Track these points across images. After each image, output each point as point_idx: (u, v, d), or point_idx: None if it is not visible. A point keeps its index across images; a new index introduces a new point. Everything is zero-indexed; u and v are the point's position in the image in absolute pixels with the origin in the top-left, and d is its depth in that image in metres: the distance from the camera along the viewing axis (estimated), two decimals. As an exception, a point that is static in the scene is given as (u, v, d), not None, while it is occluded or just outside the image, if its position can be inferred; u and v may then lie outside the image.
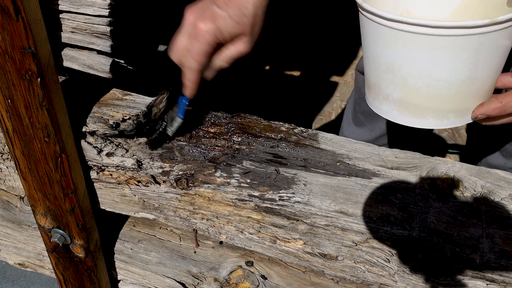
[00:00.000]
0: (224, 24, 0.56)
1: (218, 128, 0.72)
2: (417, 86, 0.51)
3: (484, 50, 0.48)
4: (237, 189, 0.64)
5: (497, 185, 0.61)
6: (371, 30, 0.52)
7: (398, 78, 0.52)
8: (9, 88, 0.59)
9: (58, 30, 0.62)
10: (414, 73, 0.51)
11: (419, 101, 0.53)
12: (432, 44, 0.47)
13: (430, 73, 0.50)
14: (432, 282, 0.59)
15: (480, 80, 0.51)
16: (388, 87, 0.54)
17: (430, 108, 0.53)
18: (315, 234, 0.62)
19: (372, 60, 0.54)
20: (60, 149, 0.64)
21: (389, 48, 0.50)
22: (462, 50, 0.47)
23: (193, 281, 0.80)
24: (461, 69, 0.49)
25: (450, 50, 0.47)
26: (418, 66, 0.50)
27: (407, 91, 0.52)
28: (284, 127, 0.72)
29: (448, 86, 0.51)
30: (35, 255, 0.93)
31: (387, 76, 0.53)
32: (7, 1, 0.51)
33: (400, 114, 0.55)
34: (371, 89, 0.57)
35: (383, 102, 0.55)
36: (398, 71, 0.51)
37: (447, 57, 0.48)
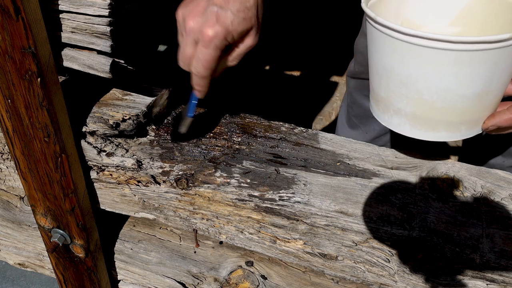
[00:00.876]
0: (231, 24, 0.54)
1: (218, 128, 0.72)
2: (433, 100, 0.51)
3: (502, 63, 0.48)
4: (237, 189, 0.64)
5: (497, 185, 0.61)
6: (385, 44, 0.51)
7: (412, 93, 0.51)
8: (9, 88, 0.59)
9: (58, 30, 0.62)
10: (430, 88, 0.50)
11: (433, 115, 0.52)
12: (455, 59, 0.47)
13: (447, 88, 0.50)
14: (432, 282, 0.59)
15: (493, 92, 0.51)
16: (401, 101, 0.53)
17: (443, 121, 0.53)
18: (315, 234, 0.62)
19: (383, 74, 0.53)
20: (60, 149, 0.64)
21: (406, 63, 0.50)
22: (482, 64, 0.47)
23: (193, 281, 0.80)
24: (478, 82, 0.49)
25: (471, 65, 0.47)
26: (436, 81, 0.49)
27: (421, 105, 0.52)
28: (284, 127, 0.72)
29: (463, 100, 0.50)
30: (35, 255, 0.93)
31: (401, 90, 0.52)
32: (7, 1, 0.51)
33: (412, 128, 0.55)
34: (381, 102, 0.56)
35: (394, 116, 0.55)
36: (413, 85, 0.51)
37: (467, 71, 0.48)
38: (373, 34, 0.53)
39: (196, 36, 0.55)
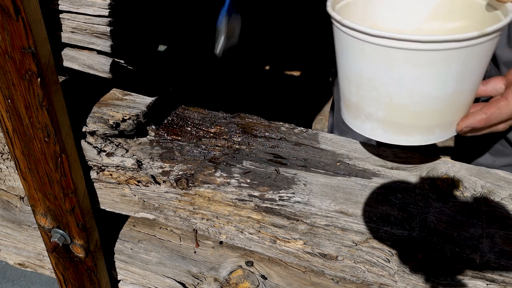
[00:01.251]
0: None
1: (218, 128, 0.72)
2: (404, 103, 0.50)
3: (472, 63, 0.47)
4: (237, 189, 0.64)
5: (497, 185, 0.61)
6: (353, 47, 0.49)
7: (383, 96, 0.50)
8: (9, 88, 0.59)
9: (58, 30, 0.62)
10: (401, 90, 0.49)
11: (406, 119, 0.51)
12: (425, 59, 0.46)
13: (418, 89, 0.48)
14: (432, 282, 0.59)
15: (465, 93, 0.50)
16: (372, 105, 0.52)
17: (416, 124, 0.51)
18: (315, 234, 0.62)
19: (353, 78, 0.52)
20: (60, 149, 0.64)
21: (375, 66, 0.48)
22: (452, 64, 0.46)
23: (193, 281, 0.80)
24: (450, 82, 0.48)
25: (441, 65, 0.46)
26: (406, 83, 0.48)
27: (393, 109, 0.51)
28: (284, 127, 0.72)
29: (436, 102, 0.49)
30: (35, 255, 0.93)
31: (371, 94, 0.51)
32: (7, 1, 0.51)
33: (384, 133, 0.53)
34: (352, 108, 0.55)
35: (366, 121, 0.54)
36: (384, 89, 0.49)
37: (437, 72, 0.47)
38: (340, 37, 0.51)
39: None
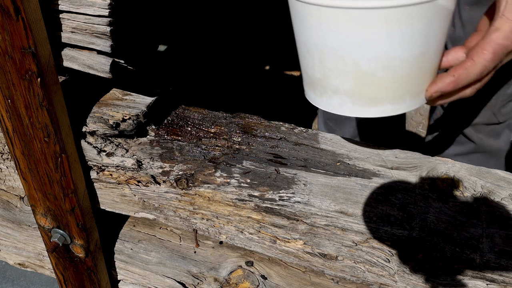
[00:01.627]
0: None
1: (218, 128, 0.72)
2: (371, 70, 0.48)
3: (435, 21, 0.46)
4: (237, 189, 0.64)
5: (497, 185, 0.61)
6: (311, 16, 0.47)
7: (350, 65, 0.48)
8: (9, 88, 0.59)
9: (58, 30, 0.62)
10: (368, 55, 0.47)
11: (375, 87, 0.49)
12: (388, 17, 0.44)
13: (385, 52, 0.47)
14: (432, 282, 0.59)
15: (431, 56, 0.49)
16: (339, 77, 0.50)
17: (385, 93, 0.50)
18: (315, 234, 0.62)
19: (315, 51, 0.50)
20: (60, 149, 0.64)
21: (337, 32, 0.47)
22: (416, 22, 0.45)
23: (193, 281, 0.80)
24: (415, 43, 0.47)
25: (404, 23, 0.45)
26: (372, 46, 0.46)
27: (361, 77, 0.49)
28: (284, 127, 0.72)
29: (403, 65, 0.48)
30: (35, 255, 0.93)
31: (337, 65, 0.49)
32: (7, 1, 0.51)
33: (354, 106, 0.51)
34: (317, 84, 0.52)
35: (333, 96, 0.51)
36: (350, 56, 0.48)
37: (401, 31, 0.45)
38: (298, 9, 0.49)
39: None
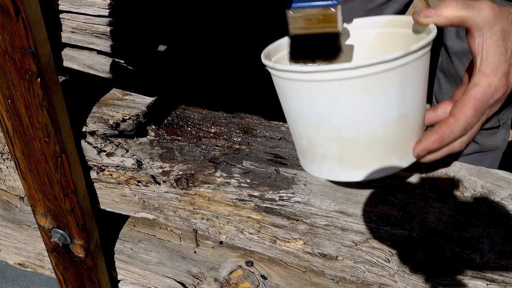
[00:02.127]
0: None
1: (218, 128, 0.72)
2: (353, 135, 0.49)
3: (408, 82, 0.47)
4: (237, 189, 0.64)
5: (497, 185, 0.61)
6: (289, 88, 0.49)
7: (330, 133, 0.49)
8: (9, 88, 0.59)
9: (58, 30, 0.62)
10: (346, 123, 0.48)
11: (359, 151, 0.50)
12: (360, 85, 0.46)
13: (363, 118, 0.48)
14: (432, 282, 0.59)
15: (411, 116, 0.50)
16: (323, 144, 0.51)
17: (371, 156, 0.50)
18: (315, 234, 0.62)
19: (298, 121, 0.51)
20: (60, 149, 0.64)
21: (314, 102, 0.48)
22: (388, 85, 0.46)
23: (193, 281, 0.80)
24: (391, 106, 0.48)
25: (377, 89, 0.46)
26: (350, 113, 0.48)
27: (344, 144, 0.50)
28: (284, 127, 0.72)
29: (383, 128, 0.49)
30: (35, 255, 0.93)
31: (319, 133, 0.50)
32: (7, 1, 0.51)
33: (342, 171, 0.52)
34: (306, 153, 0.54)
35: (322, 162, 0.52)
36: (329, 124, 0.49)
37: (376, 97, 0.46)
38: (277, 83, 0.51)
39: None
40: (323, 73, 0.45)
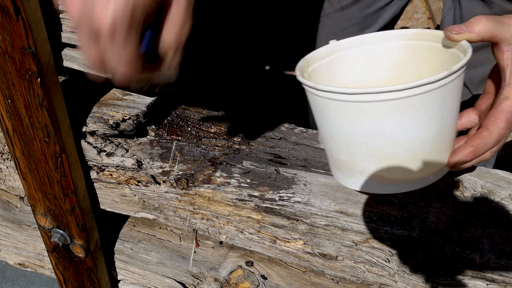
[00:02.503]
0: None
1: (218, 128, 0.72)
2: (394, 152, 0.51)
3: (448, 100, 0.49)
4: (237, 189, 0.64)
5: (497, 185, 0.61)
6: (331, 109, 0.50)
7: (373, 150, 0.51)
8: (9, 88, 0.59)
9: (58, 30, 0.62)
10: (389, 141, 0.50)
11: (398, 166, 0.52)
12: (405, 106, 0.47)
13: (405, 136, 0.50)
14: (432, 282, 0.59)
15: (448, 131, 0.52)
16: (364, 160, 0.53)
17: (409, 170, 0.52)
18: (315, 234, 0.62)
19: (339, 139, 0.53)
20: (60, 149, 0.64)
21: (358, 123, 0.50)
22: (430, 105, 0.48)
23: (193, 281, 0.80)
24: (432, 124, 0.50)
25: (420, 108, 0.48)
26: (393, 133, 0.49)
27: (385, 160, 0.52)
28: (284, 127, 0.72)
29: (423, 145, 0.51)
30: (35, 255, 0.93)
31: (361, 150, 0.52)
32: (7, 1, 0.51)
33: (380, 185, 0.54)
34: (343, 167, 0.55)
35: (360, 177, 0.54)
36: (372, 142, 0.51)
37: (418, 116, 0.48)
38: (316, 102, 0.52)
39: (90, 29, 0.37)
40: (372, 94, 0.47)
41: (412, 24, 2.20)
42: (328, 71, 0.61)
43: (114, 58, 0.38)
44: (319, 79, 0.60)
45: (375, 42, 0.61)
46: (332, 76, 0.61)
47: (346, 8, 0.90)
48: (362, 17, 0.90)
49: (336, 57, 0.61)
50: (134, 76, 0.40)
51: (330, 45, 0.60)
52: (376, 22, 0.92)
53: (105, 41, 0.37)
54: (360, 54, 0.61)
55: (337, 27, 0.91)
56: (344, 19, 0.90)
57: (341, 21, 0.90)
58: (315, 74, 0.59)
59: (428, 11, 2.26)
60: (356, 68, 0.62)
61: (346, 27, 0.90)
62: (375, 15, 0.91)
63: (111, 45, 0.37)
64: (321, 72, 0.60)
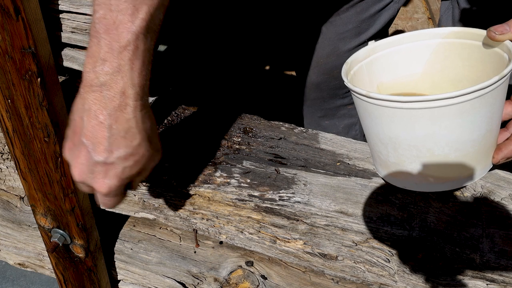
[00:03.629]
0: (122, 173, 0.47)
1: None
2: (445, 153, 0.53)
3: (497, 102, 0.51)
4: (237, 189, 0.64)
5: (497, 185, 0.61)
6: (384, 115, 0.52)
7: (423, 152, 0.53)
8: (9, 88, 0.59)
9: (58, 30, 0.62)
10: (440, 143, 0.52)
11: (447, 166, 0.54)
12: (457, 111, 0.49)
13: (456, 138, 0.51)
14: (432, 282, 0.59)
15: (494, 129, 0.54)
16: (413, 162, 0.54)
17: (457, 169, 0.54)
18: (315, 234, 0.62)
19: (388, 142, 0.55)
20: (60, 149, 0.64)
21: (411, 127, 0.51)
22: (481, 108, 0.50)
23: (193, 281, 0.80)
24: (482, 125, 0.52)
25: (471, 112, 0.50)
26: (444, 136, 0.51)
27: (435, 161, 0.53)
28: (284, 127, 0.72)
29: (472, 144, 0.52)
30: (35, 255, 0.93)
31: (411, 153, 0.53)
32: (7, 1, 0.51)
33: (429, 184, 0.56)
34: (391, 167, 0.57)
35: (409, 177, 0.56)
36: (423, 145, 0.52)
37: (470, 118, 0.50)
38: (367, 108, 0.54)
39: (82, 182, 0.49)
40: (425, 102, 0.49)
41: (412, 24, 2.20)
42: (368, 71, 0.63)
43: (105, 202, 0.51)
44: (360, 80, 0.61)
45: (412, 41, 0.62)
46: (372, 76, 0.63)
47: (342, 13, 0.89)
48: (359, 22, 0.90)
49: (375, 57, 0.63)
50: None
51: (369, 46, 0.62)
52: (372, 26, 0.92)
53: (99, 195, 0.50)
54: (398, 53, 0.63)
55: (332, 32, 0.91)
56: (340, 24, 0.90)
57: (337, 26, 0.90)
58: (356, 76, 0.61)
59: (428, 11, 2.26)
60: (394, 67, 0.64)
61: (341, 32, 0.90)
62: (371, 19, 0.91)
63: (103, 197, 0.50)
64: (361, 73, 0.62)
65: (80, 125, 0.46)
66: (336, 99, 1.03)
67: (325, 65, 0.95)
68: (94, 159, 0.46)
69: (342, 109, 1.06)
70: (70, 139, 0.49)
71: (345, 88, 0.98)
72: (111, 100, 0.44)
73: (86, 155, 0.46)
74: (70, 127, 0.48)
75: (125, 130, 0.45)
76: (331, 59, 0.93)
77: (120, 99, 0.44)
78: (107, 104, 0.44)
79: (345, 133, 1.11)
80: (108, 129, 0.44)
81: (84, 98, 0.45)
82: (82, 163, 0.47)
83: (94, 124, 0.45)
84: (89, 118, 0.45)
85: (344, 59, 0.62)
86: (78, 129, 0.46)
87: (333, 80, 0.97)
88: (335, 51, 0.92)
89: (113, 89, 0.43)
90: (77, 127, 0.47)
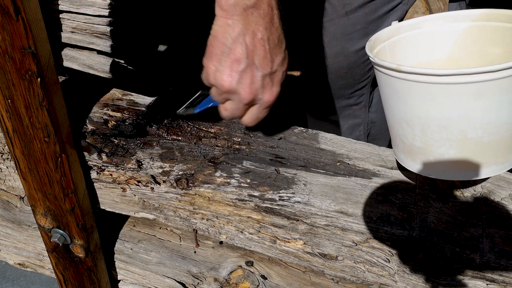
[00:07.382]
0: (283, 77, 0.55)
1: (218, 128, 0.72)
2: (478, 136, 0.49)
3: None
4: (237, 189, 0.64)
5: (497, 185, 0.61)
6: (416, 91, 0.49)
7: (455, 134, 0.49)
8: (9, 88, 0.59)
9: (58, 30, 0.62)
10: (475, 124, 0.48)
11: (480, 151, 0.50)
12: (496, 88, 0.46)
13: (493, 120, 0.48)
14: (432, 282, 0.59)
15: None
16: (443, 145, 0.51)
17: (491, 155, 0.51)
18: (315, 234, 0.62)
19: (417, 123, 0.51)
20: (60, 149, 0.64)
21: (444, 105, 0.48)
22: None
23: (193, 281, 0.80)
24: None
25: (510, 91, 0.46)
26: (482, 115, 0.48)
27: (467, 145, 0.50)
28: (284, 127, 0.72)
29: (508, 128, 0.49)
30: (35, 255, 0.93)
31: (441, 135, 0.50)
32: (7, 1, 0.51)
33: (459, 171, 0.52)
34: (417, 153, 0.54)
35: (436, 164, 0.53)
36: (456, 126, 0.49)
37: (508, 98, 0.47)
38: (395, 85, 0.50)
39: (251, 101, 0.55)
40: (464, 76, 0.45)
41: (412, 24, 2.20)
42: (391, 53, 0.60)
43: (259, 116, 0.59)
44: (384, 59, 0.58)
45: (437, 24, 0.59)
46: (394, 58, 0.60)
47: (350, 13, 0.89)
48: (367, 23, 0.90)
49: (398, 38, 0.60)
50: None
51: (392, 26, 0.60)
52: (380, 28, 0.91)
53: (260, 108, 0.57)
54: (421, 35, 0.60)
55: (340, 32, 0.90)
56: (348, 24, 0.89)
57: (345, 27, 0.90)
58: (378, 56, 0.58)
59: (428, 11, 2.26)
60: (418, 50, 0.61)
61: (349, 32, 0.90)
62: (379, 20, 0.91)
63: (262, 111, 0.58)
64: (384, 54, 0.59)
65: (240, 50, 0.50)
66: (341, 99, 1.02)
67: (332, 65, 0.94)
68: (263, 73, 0.52)
69: (347, 109, 1.05)
70: (230, 69, 0.52)
71: (351, 88, 0.97)
72: (265, 15, 0.49)
73: (254, 73, 0.52)
74: (229, 58, 0.51)
75: (277, 38, 0.51)
76: (339, 59, 0.93)
77: (270, 12, 0.50)
78: (261, 21, 0.49)
79: (349, 134, 1.11)
80: (267, 42, 0.50)
81: (233, 25, 0.49)
82: (253, 82, 0.52)
83: (256, 43, 0.50)
84: (249, 39, 0.50)
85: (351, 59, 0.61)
86: (239, 55, 0.51)
87: (340, 80, 0.96)
88: (342, 51, 0.92)
89: (264, 4, 0.49)
90: (237, 54, 0.51)
